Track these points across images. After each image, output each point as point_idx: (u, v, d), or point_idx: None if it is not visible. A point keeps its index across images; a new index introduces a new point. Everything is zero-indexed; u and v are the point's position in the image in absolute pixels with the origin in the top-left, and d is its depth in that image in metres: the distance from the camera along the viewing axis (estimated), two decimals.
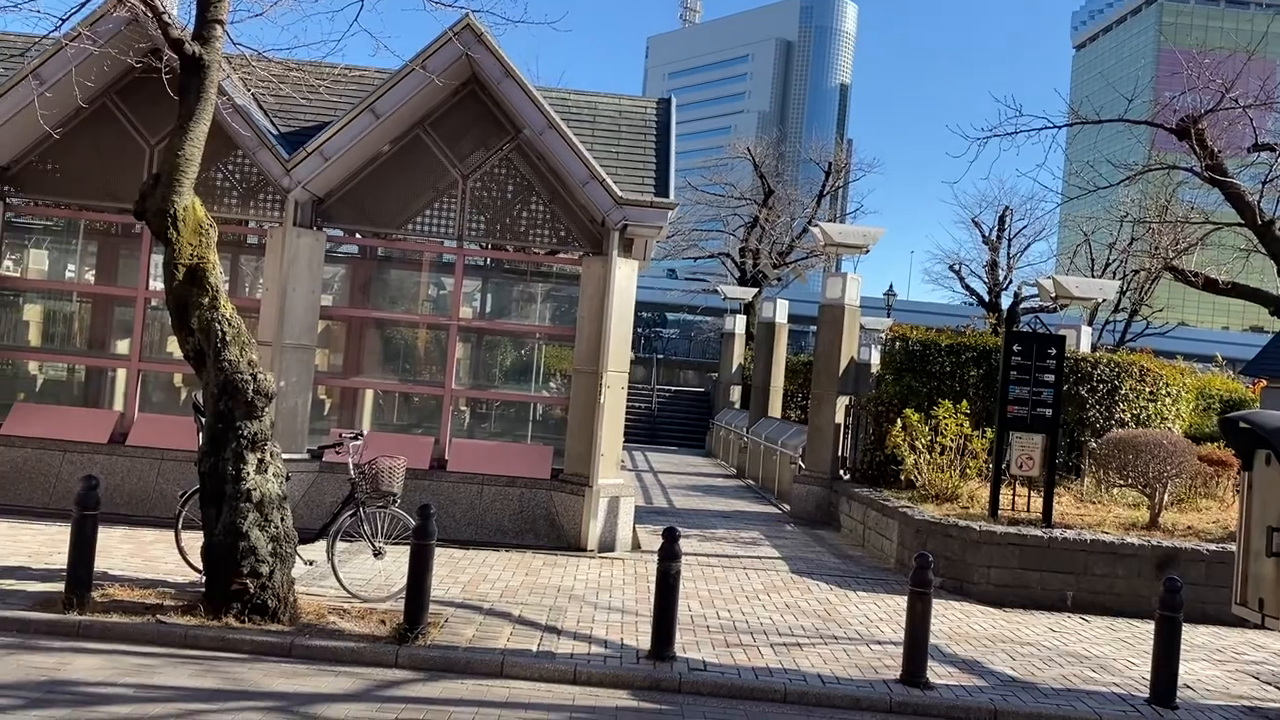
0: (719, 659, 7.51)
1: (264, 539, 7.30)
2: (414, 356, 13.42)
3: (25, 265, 12.71)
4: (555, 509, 11.29)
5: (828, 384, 15.18)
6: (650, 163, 12.19)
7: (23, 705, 5.54)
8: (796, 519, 15.07)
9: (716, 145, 51.18)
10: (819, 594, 10.09)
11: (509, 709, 6.26)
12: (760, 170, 34.04)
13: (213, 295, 7.49)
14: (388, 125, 11.19)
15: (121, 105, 11.44)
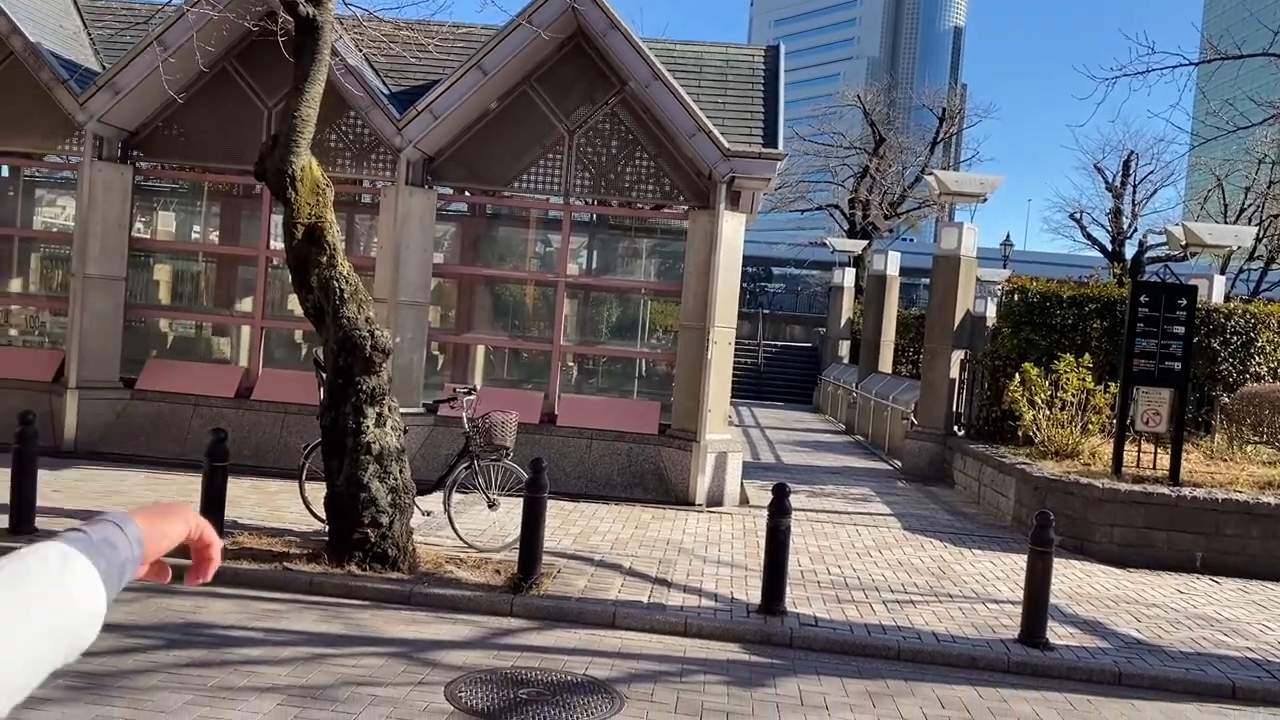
0: (830, 615, 7.45)
1: (383, 490, 7.51)
2: (523, 313, 13.57)
3: (154, 227, 13.27)
4: (663, 464, 11.32)
5: (942, 337, 14.79)
6: (758, 113, 11.95)
7: (164, 646, 5.85)
8: (908, 475, 14.80)
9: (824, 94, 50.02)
10: (932, 551, 9.91)
11: (621, 659, 6.34)
12: (870, 118, 33.13)
13: (331, 253, 7.66)
14: (495, 82, 11.24)
15: (240, 69, 11.76)
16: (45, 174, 13.36)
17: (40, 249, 13.51)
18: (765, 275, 48.09)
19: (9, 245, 13.03)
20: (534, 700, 5.52)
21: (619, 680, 5.96)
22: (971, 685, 6.44)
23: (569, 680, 5.89)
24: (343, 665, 5.84)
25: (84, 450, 11.21)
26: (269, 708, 5.12)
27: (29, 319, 13.34)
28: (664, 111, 11.04)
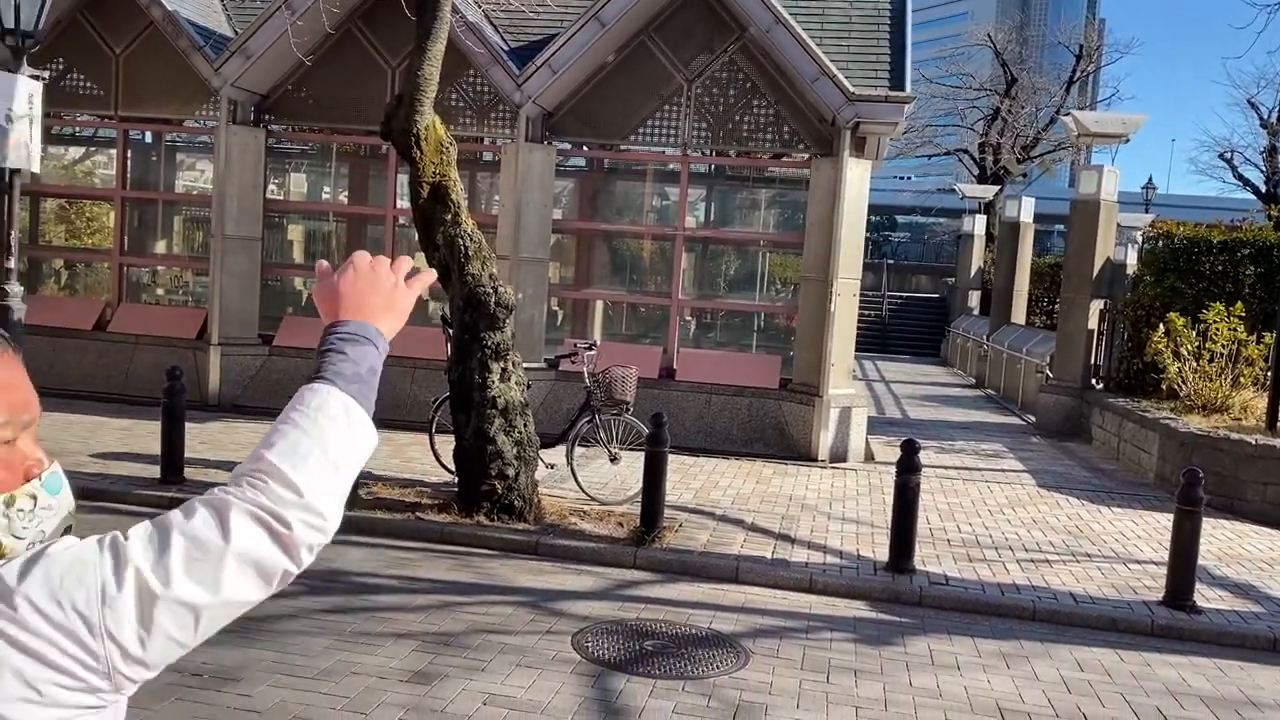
0: (961, 573, 7.25)
1: (509, 443, 7.62)
2: (640, 267, 13.54)
3: (286, 188, 13.71)
4: (784, 418, 11.19)
5: (1079, 286, 14.12)
6: (884, 55, 11.53)
7: (306, 592, 6.09)
8: (1042, 431, 14.27)
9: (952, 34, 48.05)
10: (1069, 509, 9.54)
11: (745, 614, 6.31)
12: (1002, 58, 31.64)
13: (455, 211, 7.75)
14: (613, 33, 11.13)
15: (364, 29, 11.96)
16: (184, 139, 13.93)
17: (182, 211, 14.13)
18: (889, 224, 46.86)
19: (153, 208, 13.68)
20: (659, 652, 5.55)
21: (744, 635, 5.93)
22: (1112, 648, 6.19)
23: (693, 634, 5.89)
24: (473, 613, 5.98)
25: (227, 403, 11.75)
26: (404, 653, 5.29)
27: (173, 278, 14.01)
28: (785, 56, 10.75)
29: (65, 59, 12.51)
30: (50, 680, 0.99)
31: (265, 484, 1.14)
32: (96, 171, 14.31)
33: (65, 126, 13.40)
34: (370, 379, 1.27)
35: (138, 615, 1.03)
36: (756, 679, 5.30)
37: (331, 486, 1.18)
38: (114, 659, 1.02)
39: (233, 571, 1.08)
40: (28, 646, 0.98)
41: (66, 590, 1.01)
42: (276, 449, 1.17)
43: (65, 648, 0.99)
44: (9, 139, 8.29)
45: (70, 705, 1.00)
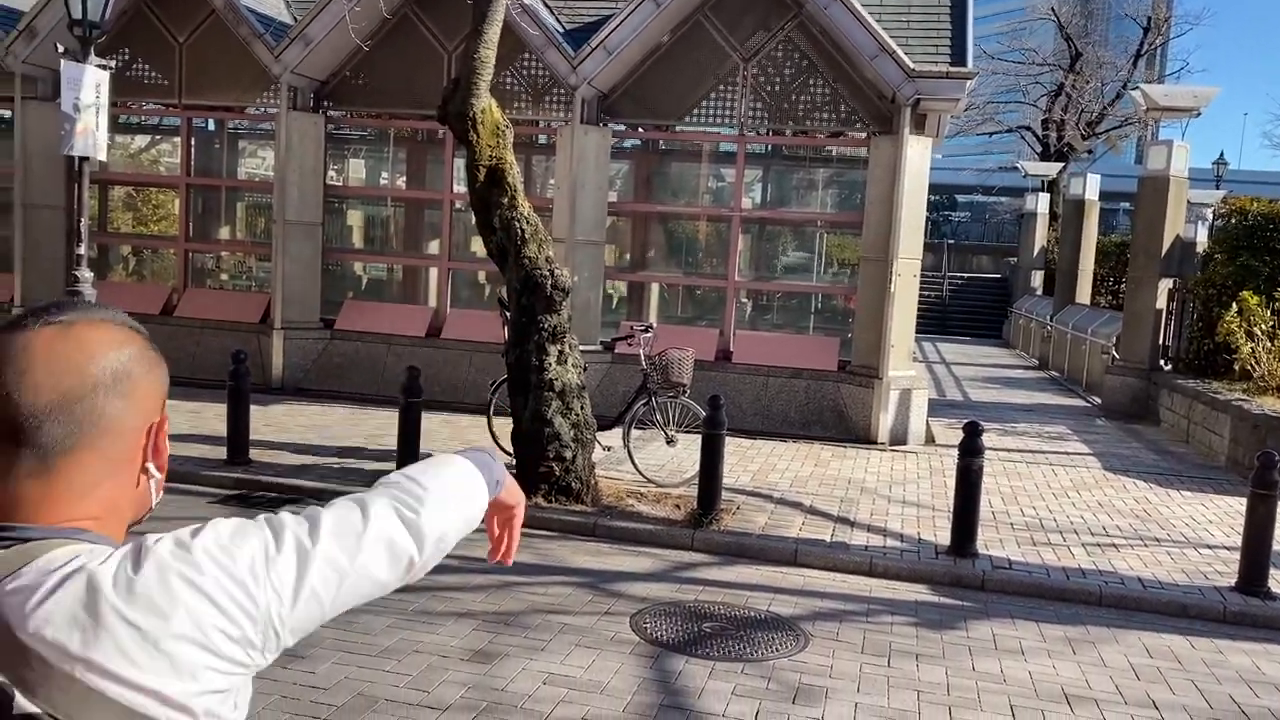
0: (1025, 557, 7.13)
1: (566, 425, 7.64)
2: (696, 249, 13.48)
3: (346, 174, 13.87)
4: (843, 401, 11.08)
5: (1147, 265, 13.76)
6: (944, 30, 11.30)
7: None
8: (1108, 413, 13.96)
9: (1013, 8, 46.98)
10: (1136, 492, 9.33)
11: (804, 596, 6.27)
12: (1066, 31, 30.84)
13: (511, 194, 7.77)
14: (668, 13, 11.05)
15: (420, 14, 12.02)
16: (246, 126, 14.15)
17: (244, 197, 14.37)
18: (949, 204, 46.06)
19: (216, 195, 13.94)
20: (718, 634, 5.54)
21: (803, 618, 5.90)
22: (1182, 634, 6.05)
23: (752, 616, 5.87)
24: (532, 593, 6.02)
25: (290, 387, 11.95)
26: (465, 631, 5.34)
27: (237, 264, 14.27)
28: (843, 33, 10.59)
29: (130, 49, 12.76)
30: (216, 624, 1.04)
31: (406, 485, 1.28)
32: (162, 159, 14.62)
33: (131, 115, 13.69)
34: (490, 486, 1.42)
35: (295, 569, 1.12)
36: (816, 662, 5.26)
37: (455, 515, 1.32)
38: (272, 610, 1.09)
39: (371, 545, 1.18)
40: (202, 587, 1.05)
41: (236, 543, 1.10)
42: (417, 468, 1.34)
43: (234, 593, 1.06)
44: (77, 128, 8.49)
45: (227, 657, 1.06)
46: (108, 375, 1.11)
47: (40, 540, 1.06)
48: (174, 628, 1.02)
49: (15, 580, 1.02)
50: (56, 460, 1.09)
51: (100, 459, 1.11)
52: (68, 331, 1.11)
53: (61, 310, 1.13)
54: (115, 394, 1.11)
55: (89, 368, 1.10)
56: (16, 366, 1.08)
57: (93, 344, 1.11)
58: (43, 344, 1.09)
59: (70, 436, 1.09)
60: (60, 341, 1.10)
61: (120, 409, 1.12)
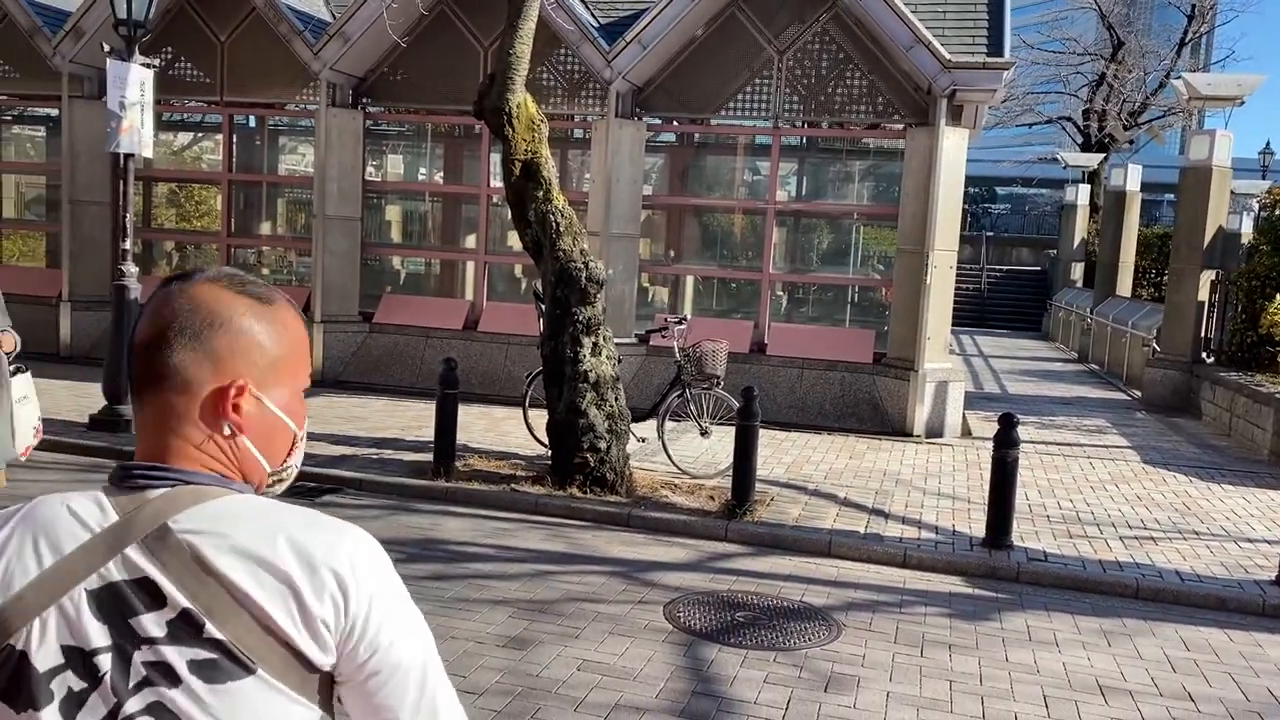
0: (1061, 550, 7.09)
1: (600, 417, 7.71)
2: (731, 242, 13.49)
3: (384, 169, 14.02)
4: (878, 393, 11.05)
5: (1189, 257, 13.57)
6: (981, 20, 11.21)
7: (405, 559, 6.29)
8: (1148, 406, 13.80)
9: None
10: (1175, 485, 9.23)
11: (838, 587, 6.29)
12: (1107, 20, 30.38)
13: (547, 188, 7.84)
14: (703, 6, 11.07)
15: (456, 10, 12.12)
16: (286, 122, 14.35)
17: (284, 193, 14.58)
18: (988, 195, 45.51)
19: (257, 190, 14.15)
20: (751, 624, 5.58)
21: (836, 608, 5.92)
22: (1220, 628, 5.99)
23: (785, 606, 5.90)
24: (567, 582, 6.09)
25: (330, 379, 12.13)
26: (501, 619, 5.42)
27: (278, 258, 14.48)
28: (879, 24, 10.54)
29: (174, 48, 12.99)
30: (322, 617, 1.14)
31: None
32: (204, 156, 14.86)
33: (174, 113, 13.93)
34: None
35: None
36: (849, 651, 5.28)
37: None
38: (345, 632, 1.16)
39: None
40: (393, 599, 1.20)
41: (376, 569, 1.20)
42: None
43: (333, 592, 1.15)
44: (122, 125, 8.67)
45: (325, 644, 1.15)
46: (193, 325, 1.20)
47: (202, 486, 1.19)
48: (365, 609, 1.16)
49: (196, 520, 1.14)
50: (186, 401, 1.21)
51: (177, 399, 1.21)
52: (193, 290, 1.23)
53: (202, 273, 1.25)
54: (189, 347, 1.20)
55: (198, 322, 1.20)
56: (156, 321, 1.21)
57: (204, 305, 1.22)
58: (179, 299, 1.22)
59: (193, 383, 1.20)
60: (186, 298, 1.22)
61: (189, 360, 1.20)
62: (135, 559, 1.12)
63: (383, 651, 1.15)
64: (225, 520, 1.15)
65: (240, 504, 1.18)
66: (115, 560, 1.12)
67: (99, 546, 1.13)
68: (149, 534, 1.13)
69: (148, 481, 1.17)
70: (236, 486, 1.22)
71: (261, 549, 1.13)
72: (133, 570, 1.12)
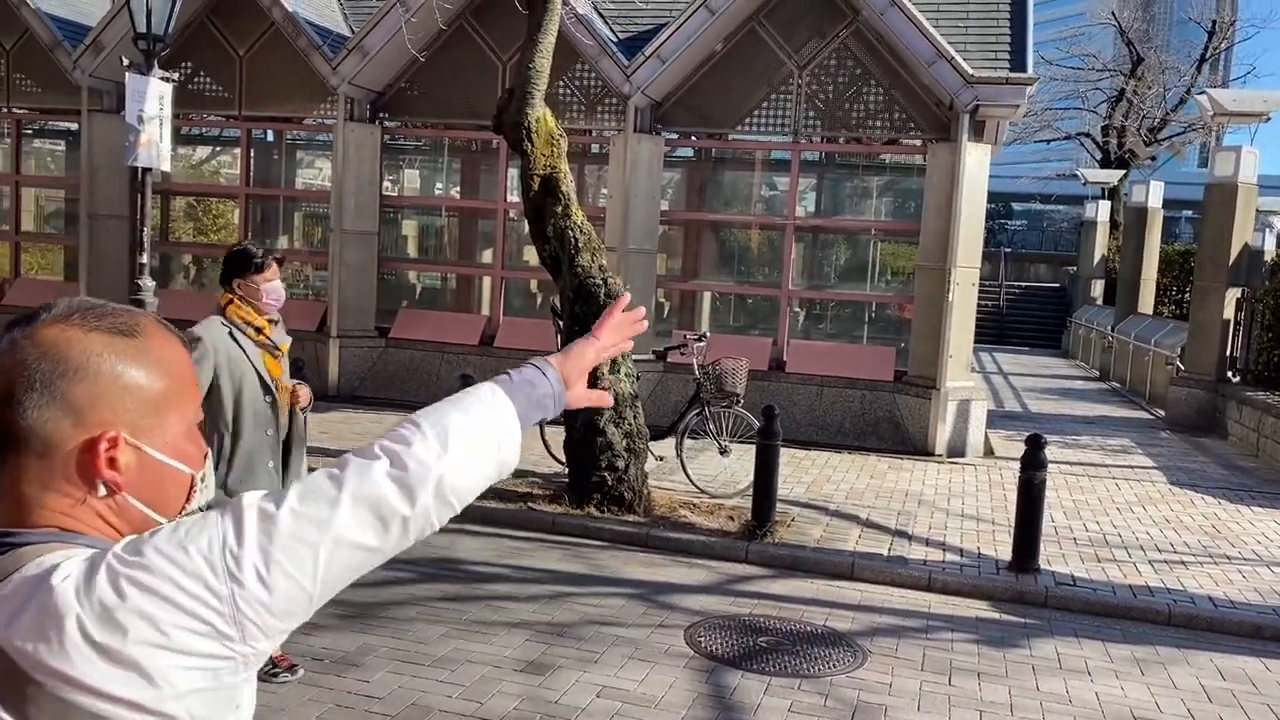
0: (1089, 574, 6.93)
1: (618, 435, 7.60)
2: (749, 257, 13.39)
3: (401, 184, 13.99)
4: (899, 412, 10.91)
5: (1214, 275, 13.39)
6: (1003, 35, 11.11)
7: (422, 579, 6.19)
8: (1173, 425, 13.60)
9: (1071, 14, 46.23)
10: (1204, 508, 9.05)
11: (862, 611, 6.15)
12: (1127, 36, 30.22)
13: (565, 203, 7.76)
14: (722, 20, 11.00)
15: (475, 25, 12.10)
16: (304, 137, 14.34)
17: (302, 207, 14.56)
18: (1006, 212, 45.31)
19: (275, 204, 14.13)
20: (773, 649, 5.44)
21: (860, 633, 5.78)
22: (1256, 656, 5.83)
23: (808, 630, 5.76)
24: (585, 604, 5.97)
25: (345, 394, 12.07)
26: (518, 642, 5.31)
27: (294, 272, 14.45)
28: (900, 39, 10.45)
29: (193, 62, 13.01)
30: (176, 623, 1.00)
31: (395, 431, 1.17)
32: (222, 170, 14.87)
33: (193, 127, 13.94)
34: (532, 410, 1.33)
35: (259, 550, 1.04)
36: (875, 679, 5.15)
37: (459, 456, 1.18)
38: (237, 597, 1.02)
39: (347, 510, 1.08)
40: (153, 588, 1.00)
41: (190, 536, 1.04)
42: (421, 411, 1.21)
43: (189, 588, 1.00)
44: (140, 139, 8.65)
45: (200, 653, 1.01)
46: (42, 376, 1.06)
47: (32, 545, 1.05)
48: (132, 635, 0.98)
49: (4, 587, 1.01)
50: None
51: (36, 463, 1.07)
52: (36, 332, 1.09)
53: (49, 310, 1.11)
54: (42, 403, 1.06)
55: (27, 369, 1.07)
56: (16, 360, 1.07)
57: (46, 344, 1.08)
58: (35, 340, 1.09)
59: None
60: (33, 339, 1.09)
61: (44, 418, 1.06)
62: None
63: None
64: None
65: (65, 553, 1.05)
66: None
67: None
68: None
69: None
70: (84, 540, 1.07)
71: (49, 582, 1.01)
72: None
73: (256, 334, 4.18)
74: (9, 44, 13.68)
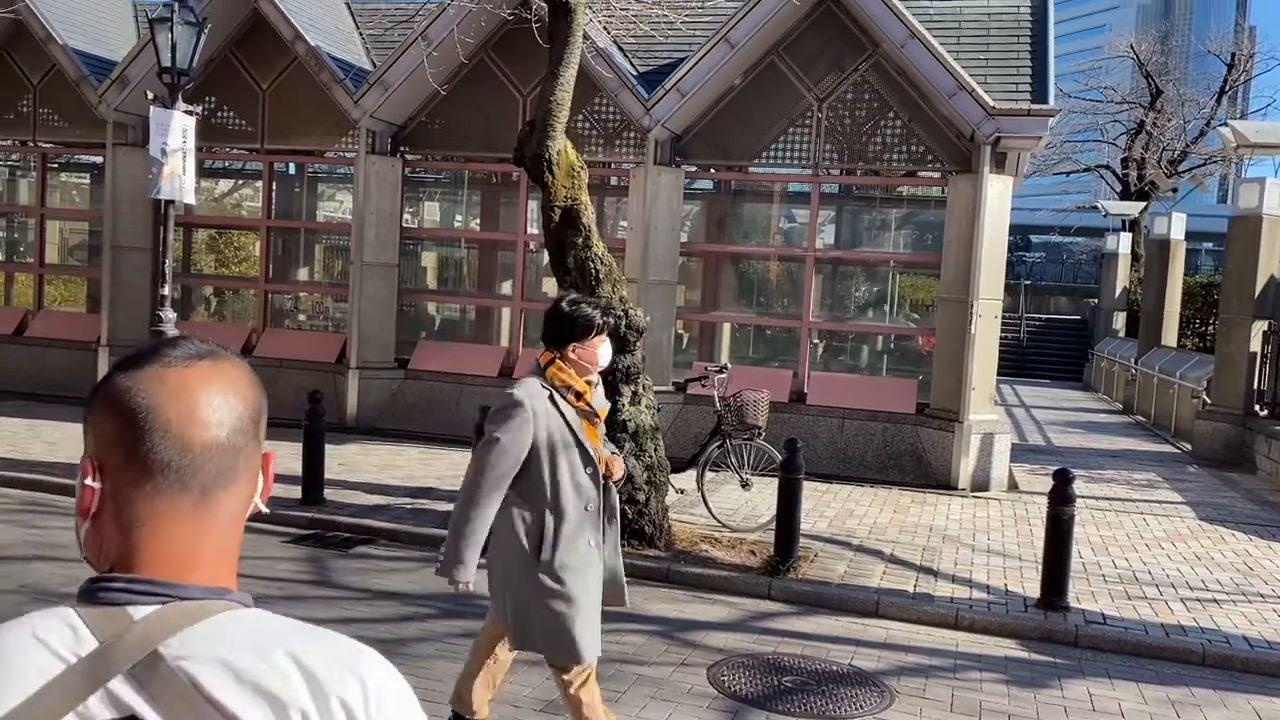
0: (1120, 612, 6.78)
1: (640, 468, 7.52)
2: (768, 289, 13.34)
3: (421, 216, 14.05)
4: (921, 445, 10.79)
5: (1239, 307, 13.25)
6: (1024, 67, 11.09)
7: (439, 615, 6.11)
8: (1199, 459, 13.40)
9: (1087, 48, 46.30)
10: (1235, 544, 8.87)
11: (888, 650, 6.02)
12: (1145, 69, 30.20)
13: (586, 235, 7.74)
14: (742, 54, 11.03)
15: (496, 59, 12.18)
16: (325, 170, 14.44)
17: (322, 239, 14.64)
18: (1024, 244, 45.22)
19: (295, 237, 14.22)
20: (799, 689, 5.32)
21: (887, 673, 5.65)
22: None
23: (834, 670, 5.64)
24: (607, 641, 5.82)
25: (364, 426, 12.04)
26: (538, 680, 5.21)
27: (314, 304, 14.51)
28: (921, 71, 10.44)
29: (217, 96, 13.13)
30: None
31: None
32: (244, 203, 14.98)
33: (216, 160, 14.06)
34: None
35: None
36: None
37: None
38: None
39: None
40: None
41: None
42: None
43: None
44: (164, 171, 8.70)
45: None
46: (254, 413, 1.10)
47: (196, 601, 1.02)
48: None
49: (191, 644, 0.97)
50: (212, 499, 1.06)
51: (238, 499, 1.09)
52: (219, 368, 1.08)
53: (192, 345, 1.10)
54: (256, 434, 1.10)
55: (242, 407, 1.08)
56: (183, 403, 1.04)
57: (243, 382, 1.10)
58: (201, 379, 1.06)
59: (224, 475, 1.06)
60: (219, 378, 1.07)
61: (255, 449, 1.10)
62: (121, 693, 0.94)
63: None
64: (224, 642, 0.98)
65: (240, 622, 1.01)
66: (97, 695, 0.94)
67: (75, 680, 0.94)
68: (137, 663, 0.95)
69: (130, 597, 0.99)
70: (235, 598, 1.05)
71: (267, 677, 0.96)
72: (119, 707, 0.94)
73: (576, 399, 3.78)
74: (36, 79, 13.87)
